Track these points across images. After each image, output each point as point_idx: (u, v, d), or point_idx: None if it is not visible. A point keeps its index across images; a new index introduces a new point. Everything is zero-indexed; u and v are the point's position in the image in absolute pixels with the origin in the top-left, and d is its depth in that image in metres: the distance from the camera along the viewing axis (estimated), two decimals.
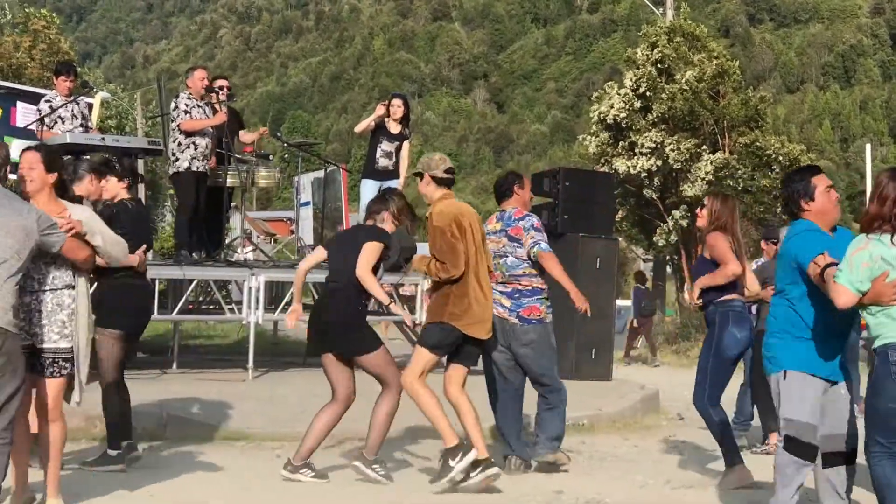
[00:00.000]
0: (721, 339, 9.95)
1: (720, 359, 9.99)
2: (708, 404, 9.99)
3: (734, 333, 9.90)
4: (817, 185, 7.21)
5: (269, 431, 11.46)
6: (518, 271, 10.17)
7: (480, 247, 9.37)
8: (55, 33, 46.21)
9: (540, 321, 10.22)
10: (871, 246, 6.67)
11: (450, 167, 9.54)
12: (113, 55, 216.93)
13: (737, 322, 9.93)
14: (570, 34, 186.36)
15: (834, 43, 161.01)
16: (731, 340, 9.91)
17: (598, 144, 32.41)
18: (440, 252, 9.27)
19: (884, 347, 6.77)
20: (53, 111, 14.98)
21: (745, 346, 9.98)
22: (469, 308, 9.27)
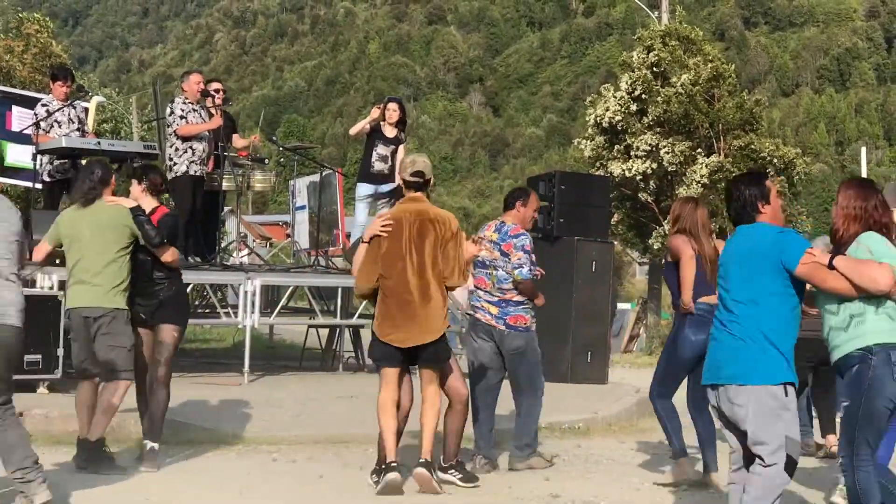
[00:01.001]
0: (676, 341, 10.21)
1: (673, 359, 10.26)
2: (656, 397, 10.34)
3: (689, 336, 10.05)
4: (771, 189, 7.23)
5: (265, 435, 11.45)
6: (506, 285, 10.31)
7: (413, 252, 9.18)
8: (46, 37, 46.13)
9: (526, 329, 10.35)
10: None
11: (417, 170, 9.40)
12: (108, 59, 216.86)
13: (694, 325, 10.03)
14: (566, 38, 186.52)
15: (829, 46, 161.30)
16: (686, 343, 10.08)
17: (593, 148, 32.41)
18: None
19: (884, 347, 6.83)
20: (50, 115, 14.98)
21: (700, 349, 10.03)
22: (385, 316, 9.21)
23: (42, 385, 12.71)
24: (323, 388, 14.97)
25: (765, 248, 6.91)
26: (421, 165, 9.34)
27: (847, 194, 7.27)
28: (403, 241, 9.12)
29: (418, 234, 9.13)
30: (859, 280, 6.82)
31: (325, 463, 10.50)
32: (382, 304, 9.20)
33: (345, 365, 17.75)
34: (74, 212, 9.71)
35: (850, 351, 6.95)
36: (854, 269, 6.84)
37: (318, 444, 11.35)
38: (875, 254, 6.95)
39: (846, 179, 7.56)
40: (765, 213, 7.12)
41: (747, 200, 7.12)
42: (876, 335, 6.87)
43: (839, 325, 7.02)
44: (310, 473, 9.89)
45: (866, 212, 7.14)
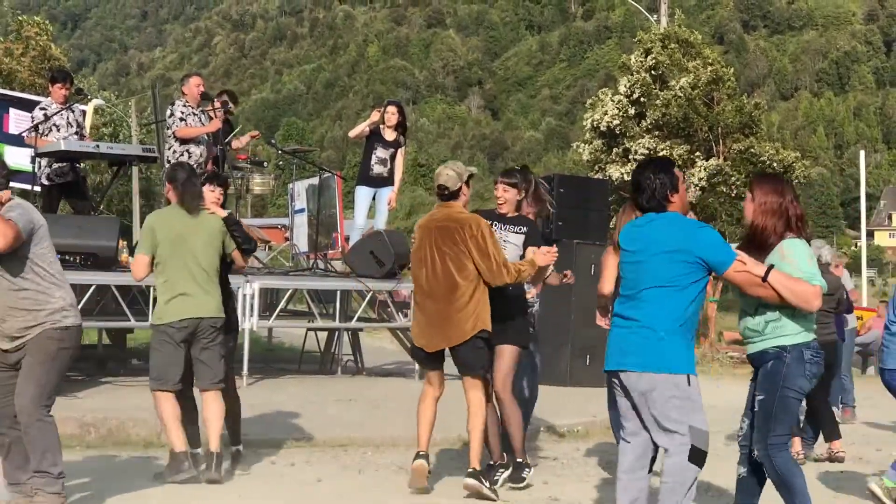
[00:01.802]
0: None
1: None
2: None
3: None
4: (679, 178, 7.24)
5: (264, 438, 11.44)
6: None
7: (435, 258, 9.26)
8: (46, 39, 46.16)
9: None
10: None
11: (440, 184, 9.46)
12: (107, 62, 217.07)
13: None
14: (565, 41, 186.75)
15: (828, 50, 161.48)
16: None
17: (591, 151, 32.40)
18: None
19: (797, 346, 7.26)
20: (48, 119, 14.97)
21: None
22: (415, 320, 9.54)
23: None
24: (321, 392, 14.95)
25: (680, 240, 6.95)
26: (444, 179, 9.40)
27: (762, 190, 7.35)
28: (426, 249, 9.23)
29: (441, 240, 9.20)
30: (792, 298, 7.06)
31: (323, 466, 10.49)
32: (414, 308, 9.56)
33: (343, 368, 17.73)
34: (176, 219, 9.43)
35: (766, 348, 7.29)
36: (787, 286, 7.03)
37: (317, 448, 11.33)
38: (804, 273, 7.09)
39: (757, 174, 7.65)
40: (674, 203, 7.15)
41: (658, 189, 7.10)
42: (791, 337, 7.27)
43: (756, 326, 7.35)
44: (308, 476, 9.88)
45: (782, 206, 7.27)
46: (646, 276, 6.99)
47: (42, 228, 7.66)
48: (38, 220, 7.66)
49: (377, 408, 13.48)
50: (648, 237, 7.06)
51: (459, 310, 9.10)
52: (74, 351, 7.87)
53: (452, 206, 9.38)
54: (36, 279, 7.62)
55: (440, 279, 9.16)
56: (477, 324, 9.11)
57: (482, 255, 9.09)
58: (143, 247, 9.34)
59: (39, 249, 7.64)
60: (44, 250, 7.67)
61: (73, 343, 7.79)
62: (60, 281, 7.76)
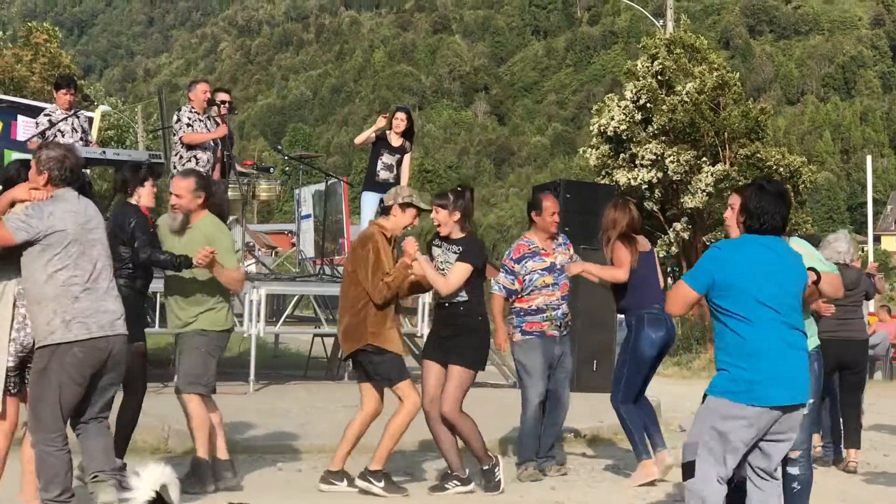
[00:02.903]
0: (637, 341, 10.39)
1: (636, 359, 10.43)
2: (620, 403, 10.52)
3: (650, 335, 10.33)
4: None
5: (271, 444, 11.45)
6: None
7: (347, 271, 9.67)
8: (56, 47, 46.25)
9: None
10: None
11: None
12: (114, 68, 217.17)
13: (652, 324, 10.34)
14: (571, 46, 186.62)
15: (834, 54, 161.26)
16: (647, 342, 10.35)
17: (598, 157, 32.40)
18: None
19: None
20: (53, 125, 14.99)
21: (660, 346, 10.37)
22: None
23: None
24: (328, 397, 14.95)
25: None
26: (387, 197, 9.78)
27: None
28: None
29: (350, 254, 9.81)
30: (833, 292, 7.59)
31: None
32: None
33: (350, 374, 17.72)
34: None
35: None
36: (830, 283, 7.42)
37: (324, 454, 11.32)
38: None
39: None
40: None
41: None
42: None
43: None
44: (315, 483, 9.87)
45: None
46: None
47: (57, 235, 7.17)
48: (55, 225, 7.18)
49: (383, 414, 13.47)
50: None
51: (348, 323, 9.38)
52: (66, 369, 7.17)
53: (376, 222, 9.66)
54: (34, 289, 7.24)
55: (343, 292, 9.55)
56: (364, 337, 9.27)
57: (364, 271, 9.22)
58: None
59: (42, 259, 7.19)
60: (48, 260, 7.19)
61: (49, 361, 7.16)
62: (63, 292, 7.20)
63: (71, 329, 7.17)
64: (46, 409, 7.19)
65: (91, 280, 7.31)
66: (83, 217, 7.36)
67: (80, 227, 7.30)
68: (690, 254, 30.63)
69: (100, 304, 7.32)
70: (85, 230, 7.33)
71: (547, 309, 10.45)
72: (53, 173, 7.37)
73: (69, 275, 7.22)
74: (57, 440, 7.20)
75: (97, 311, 7.28)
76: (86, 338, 7.20)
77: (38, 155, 7.45)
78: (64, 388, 7.18)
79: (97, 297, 7.32)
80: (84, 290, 7.26)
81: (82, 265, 7.29)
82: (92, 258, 7.34)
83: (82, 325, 7.21)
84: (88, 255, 7.32)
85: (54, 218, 7.21)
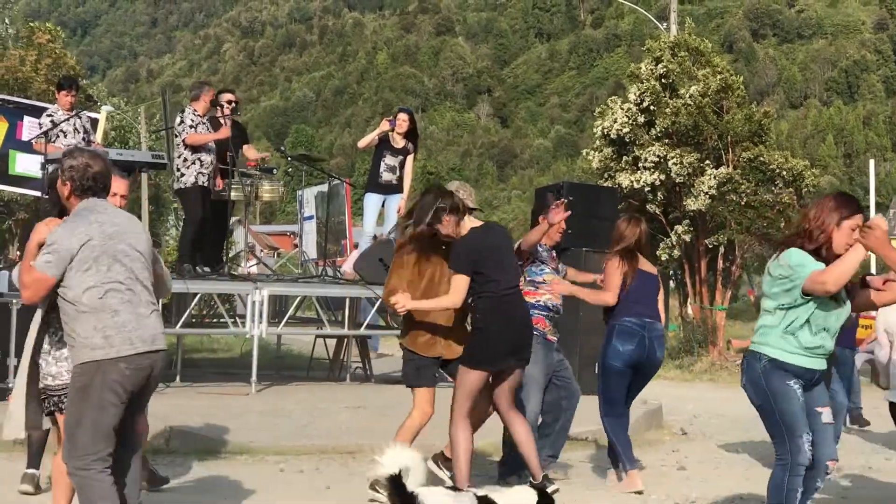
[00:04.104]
0: (605, 352, 10.47)
1: (605, 371, 10.49)
2: (603, 415, 10.59)
3: (617, 346, 10.35)
4: None
5: (273, 445, 11.46)
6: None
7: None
8: (60, 47, 46.27)
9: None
10: None
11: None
12: (117, 69, 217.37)
13: (621, 336, 10.37)
14: (574, 49, 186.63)
15: (837, 58, 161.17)
16: (614, 353, 10.36)
17: (601, 159, 32.35)
18: None
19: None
20: (55, 126, 15.02)
21: (627, 361, 10.35)
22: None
23: None
24: (330, 399, 14.97)
25: None
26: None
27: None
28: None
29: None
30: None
31: (332, 473, 10.51)
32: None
33: (352, 375, 17.76)
34: None
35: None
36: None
37: (326, 455, 11.35)
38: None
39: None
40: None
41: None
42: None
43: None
44: (317, 484, 9.90)
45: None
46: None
47: (84, 249, 6.63)
48: (75, 245, 6.63)
49: (386, 415, 13.49)
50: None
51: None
52: (110, 386, 6.57)
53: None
54: (70, 307, 6.67)
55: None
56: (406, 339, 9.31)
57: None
58: None
59: (76, 276, 6.64)
60: (81, 275, 6.64)
61: (92, 378, 6.56)
62: (101, 305, 6.63)
63: (113, 344, 6.59)
64: (84, 431, 6.57)
65: (128, 292, 6.75)
66: (111, 227, 6.79)
67: (107, 237, 6.73)
68: (692, 256, 30.61)
69: (140, 318, 6.75)
70: (114, 241, 6.75)
71: (553, 309, 10.47)
72: (76, 183, 6.87)
73: (106, 288, 6.66)
74: (96, 463, 6.58)
75: (139, 325, 6.73)
76: (130, 353, 6.63)
77: (62, 163, 7.00)
78: (106, 407, 6.57)
79: (136, 309, 6.76)
80: (123, 302, 6.70)
81: (117, 277, 6.72)
82: (127, 269, 6.77)
83: (125, 339, 6.63)
84: (122, 266, 6.76)
85: (77, 235, 6.67)
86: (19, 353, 12.15)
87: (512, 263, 9.21)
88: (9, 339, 12.50)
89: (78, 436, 6.58)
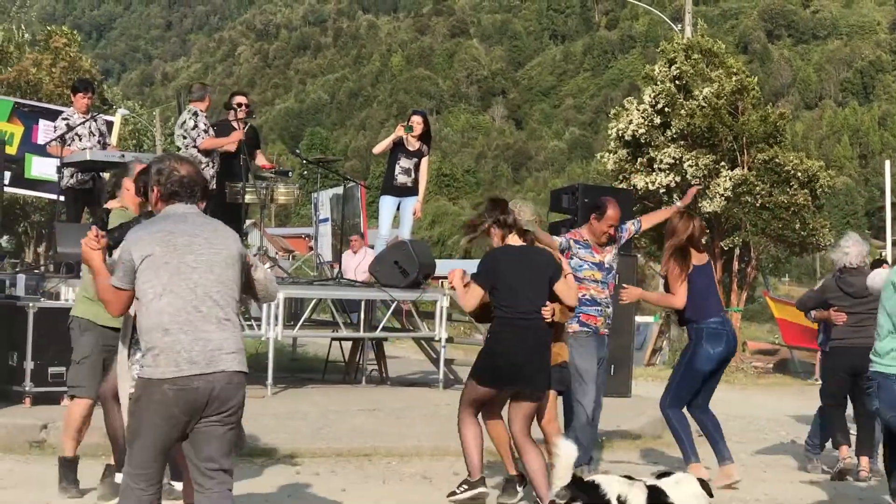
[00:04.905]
0: (694, 354, 10.65)
1: (691, 371, 10.71)
2: (669, 407, 10.77)
3: (707, 350, 10.56)
4: None
5: (289, 448, 11.45)
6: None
7: None
8: (75, 51, 46.40)
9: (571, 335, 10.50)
10: None
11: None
12: (132, 72, 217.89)
13: (710, 339, 10.57)
14: (588, 51, 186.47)
15: (852, 59, 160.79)
16: (704, 356, 10.57)
17: (616, 161, 32.35)
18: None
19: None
20: (71, 129, 15.06)
21: (717, 361, 10.55)
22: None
23: (66, 397, 12.69)
24: (346, 401, 14.96)
25: None
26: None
27: None
28: None
29: None
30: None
31: (347, 475, 10.51)
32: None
33: (368, 378, 17.74)
34: None
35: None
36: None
37: (341, 457, 11.35)
38: None
39: None
40: None
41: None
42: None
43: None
44: (333, 486, 9.89)
45: None
46: None
47: (145, 262, 6.26)
48: (136, 257, 6.30)
49: (401, 417, 13.50)
50: None
51: None
52: (154, 408, 6.19)
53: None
54: (137, 321, 6.41)
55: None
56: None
57: None
58: None
59: (139, 284, 6.30)
60: (140, 288, 6.30)
61: (140, 394, 6.26)
62: (155, 323, 6.25)
63: (159, 364, 6.19)
64: (138, 444, 6.27)
65: (187, 308, 6.26)
66: (183, 237, 6.34)
67: (172, 247, 6.29)
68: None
69: (198, 337, 6.25)
70: (180, 252, 6.30)
71: (601, 304, 10.48)
72: (162, 188, 6.53)
73: (163, 303, 6.22)
74: (141, 480, 6.26)
75: (193, 346, 6.23)
76: (174, 375, 6.16)
77: (150, 168, 6.71)
78: (153, 427, 6.21)
79: (196, 327, 6.25)
80: (178, 319, 6.23)
81: (177, 292, 6.26)
82: (192, 284, 6.28)
83: (171, 361, 6.18)
84: (186, 279, 6.28)
85: (139, 246, 6.30)
86: (36, 357, 12.23)
87: (534, 290, 9.05)
88: (25, 343, 12.51)
89: (134, 446, 6.31)
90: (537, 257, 9.22)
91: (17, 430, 11.39)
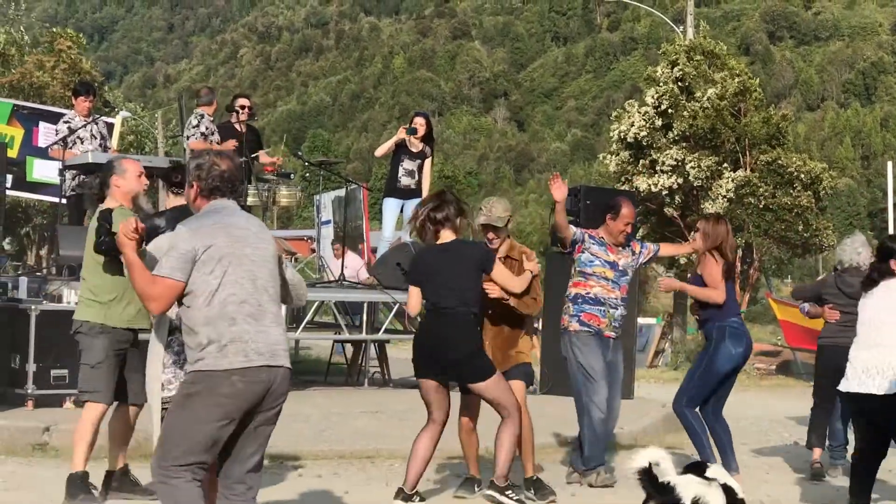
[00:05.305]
0: (716, 353, 10.59)
1: (711, 370, 10.64)
2: (685, 406, 10.75)
3: (730, 349, 10.52)
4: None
5: (291, 450, 11.45)
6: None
7: None
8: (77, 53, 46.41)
9: (563, 330, 10.62)
10: None
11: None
12: (134, 75, 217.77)
13: (733, 338, 10.54)
14: (590, 52, 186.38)
15: (854, 60, 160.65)
16: (726, 355, 10.53)
17: (618, 163, 32.34)
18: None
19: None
20: (73, 132, 15.05)
21: (738, 361, 10.41)
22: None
23: (68, 400, 12.70)
24: (348, 403, 14.97)
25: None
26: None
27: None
28: None
29: None
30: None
31: (350, 478, 10.51)
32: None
33: (370, 380, 17.75)
34: None
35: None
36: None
37: (343, 459, 11.35)
38: None
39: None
40: None
41: None
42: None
43: None
44: (335, 488, 9.89)
45: None
46: None
47: (208, 252, 6.22)
48: (199, 247, 6.23)
49: (404, 419, 13.48)
50: None
51: None
52: (218, 401, 6.12)
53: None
54: (189, 312, 6.28)
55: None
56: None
57: None
58: None
59: (196, 280, 6.23)
60: (201, 280, 6.22)
61: (200, 389, 6.15)
62: (220, 313, 6.21)
63: (227, 355, 6.14)
64: (177, 440, 6.18)
65: (250, 300, 6.28)
66: (238, 230, 6.38)
67: (233, 240, 6.31)
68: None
69: (261, 329, 6.28)
70: (240, 245, 6.31)
71: (605, 304, 10.43)
72: (202, 184, 6.50)
73: (227, 293, 6.21)
74: (184, 472, 6.14)
75: (258, 337, 6.25)
76: (243, 366, 6.15)
77: (189, 164, 6.68)
78: (208, 421, 6.13)
79: (258, 319, 6.29)
80: (242, 311, 6.24)
81: (240, 283, 6.27)
82: (252, 276, 6.31)
83: (240, 350, 6.17)
84: (246, 272, 6.29)
85: (200, 236, 6.27)
86: (38, 359, 12.23)
87: (461, 283, 9.11)
88: (27, 345, 12.51)
89: (169, 443, 6.21)
90: (466, 251, 9.32)
91: (19, 432, 11.39)
